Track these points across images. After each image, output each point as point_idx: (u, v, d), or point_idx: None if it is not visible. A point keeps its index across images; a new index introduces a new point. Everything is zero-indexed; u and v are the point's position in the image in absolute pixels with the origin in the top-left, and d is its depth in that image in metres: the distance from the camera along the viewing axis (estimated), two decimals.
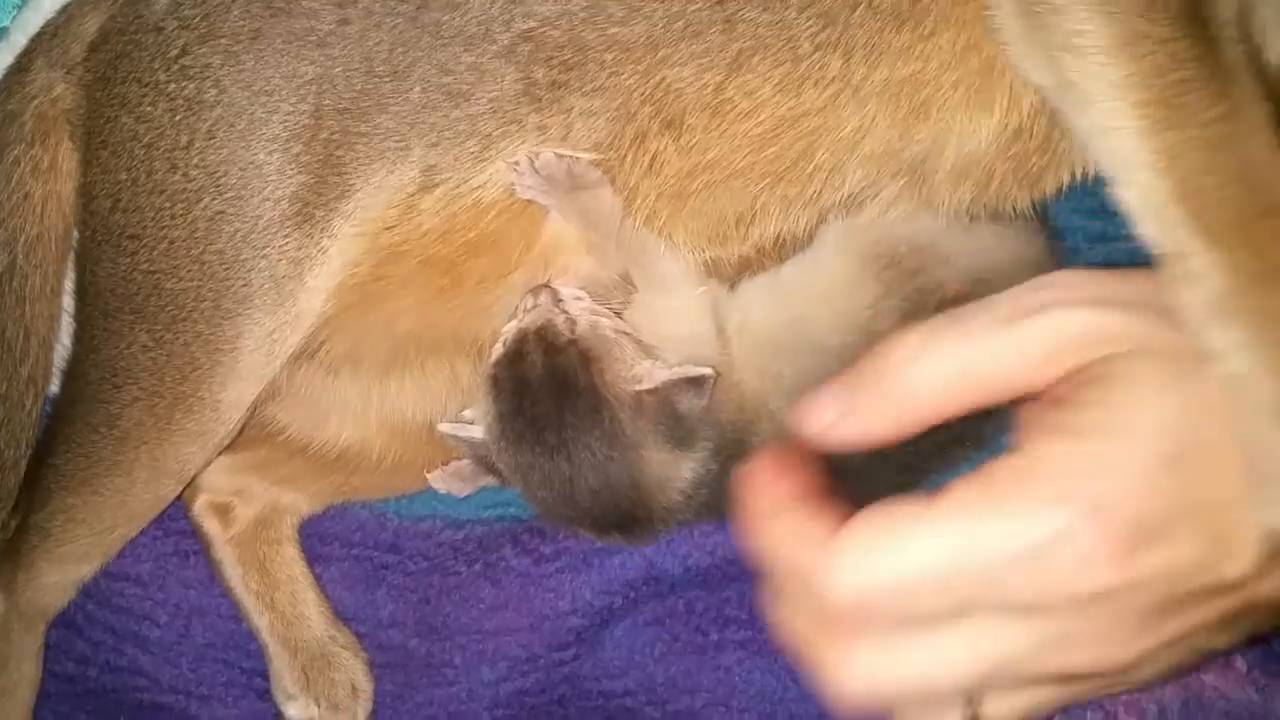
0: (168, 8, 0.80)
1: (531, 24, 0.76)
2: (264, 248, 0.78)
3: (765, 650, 0.88)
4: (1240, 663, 0.81)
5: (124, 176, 0.80)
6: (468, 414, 0.85)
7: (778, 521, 0.59)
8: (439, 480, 0.90)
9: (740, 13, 0.74)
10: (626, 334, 0.80)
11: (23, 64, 0.87)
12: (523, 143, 0.77)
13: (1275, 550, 0.55)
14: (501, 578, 0.91)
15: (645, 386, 0.78)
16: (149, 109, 0.79)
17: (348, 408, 0.92)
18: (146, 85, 0.79)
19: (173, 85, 0.78)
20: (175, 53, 0.79)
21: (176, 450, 0.82)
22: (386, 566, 0.94)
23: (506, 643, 0.90)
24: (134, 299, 0.80)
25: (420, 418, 0.91)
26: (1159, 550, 0.54)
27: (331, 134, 0.77)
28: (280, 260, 0.78)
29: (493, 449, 0.82)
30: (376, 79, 0.77)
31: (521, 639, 0.90)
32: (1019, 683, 0.58)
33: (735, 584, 0.89)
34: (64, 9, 0.87)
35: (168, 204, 0.79)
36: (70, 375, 0.87)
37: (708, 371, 0.77)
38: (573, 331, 0.79)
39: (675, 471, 0.79)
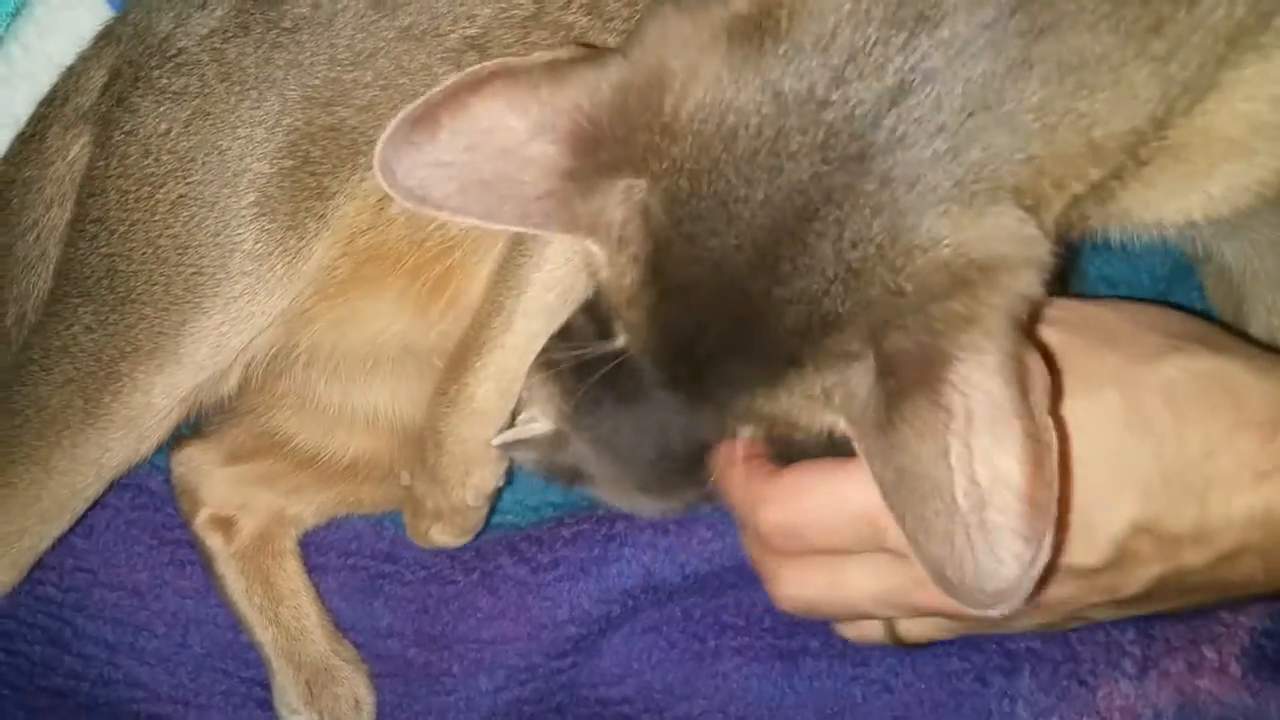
0: (172, 20, 0.82)
1: (476, 30, 0.78)
2: (218, 234, 0.78)
3: (762, 657, 0.89)
4: (1235, 668, 0.82)
5: (100, 164, 0.82)
6: (521, 418, 0.83)
7: (733, 469, 0.72)
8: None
9: None
10: None
11: (38, 131, 0.88)
12: None
13: (1120, 553, 0.64)
14: (499, 586, 0.91)
15: None
16: (138, 100, 0.81)
17: (357, 416, 0.92)
18: (141, 80, 0.81)
19: (164, 80, 0.80)
20: (173, 52, 0.81)
21: (100, 436, 0.81)
22: (384, 576, 0.94)
23: (504, 651, 0.90)
24: (85, 282, 0.81)
25: None
26: None
27: (295, 121, 0.79)
28: (235, 252, 0.78)
29: (569, 431, 0.81)
30: (339, 67, 0.79)
31: (519, 648, 0.90)
32: (909, 611, 0.70)
33: (732, 591, 0.89)
34: (70, 70, 0.88)
35: (133, 187, 0.80)
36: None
37: None
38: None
39: None
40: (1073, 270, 0.85)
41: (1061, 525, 0.59)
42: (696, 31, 0.57)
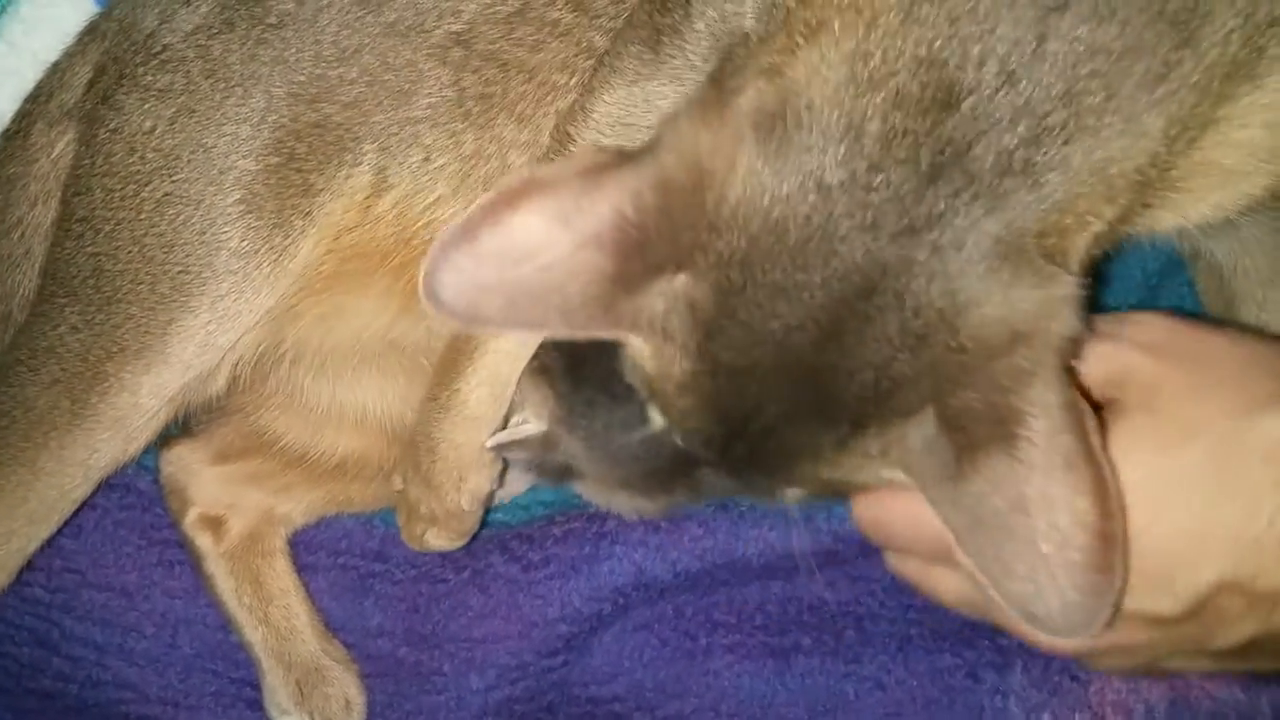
0: (157, 17, 0.82)
1: (461, 25, 0.78)
2: (204, 232, 0.78)
3: (754, 654, 0.88)
4: None
5: (86, 162, 0.81)
6: (514, 420, 0.83)
7: None
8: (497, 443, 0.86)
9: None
10: None
11: (23, 127, 0.87)
12: (456, 159, 0.80)
13: (1201, 606, 0.64)
14: (490, 585, 0.91)
15: None
16: (122, 97, 0.81)
17: (346, 414, 0.92)
18: (126, 77, 0.81)
19: (149, 77, 0.80)
20: (158, 49, 0.81)
21: (88, 437, 0.81)
22: (374, 575, 0.94)
23: (495, 650, 0.90)
24: (71, 282, 0.81)
25: None
26: None
27: (281, 118, 0.79)
28: (221, 250, 0.78)
29: (562, 433, 0.81)
30: (325, 64, 0.79)
31: (510, 646, 0.90)
32: (989, 619, 0.71)
33: (724, 588, 0.89)
34: (54, 67, 0.88)
35: (119, 185, 0.80)
36: None
37: None
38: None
39: None
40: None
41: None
42: (722, 128, 0.58)
